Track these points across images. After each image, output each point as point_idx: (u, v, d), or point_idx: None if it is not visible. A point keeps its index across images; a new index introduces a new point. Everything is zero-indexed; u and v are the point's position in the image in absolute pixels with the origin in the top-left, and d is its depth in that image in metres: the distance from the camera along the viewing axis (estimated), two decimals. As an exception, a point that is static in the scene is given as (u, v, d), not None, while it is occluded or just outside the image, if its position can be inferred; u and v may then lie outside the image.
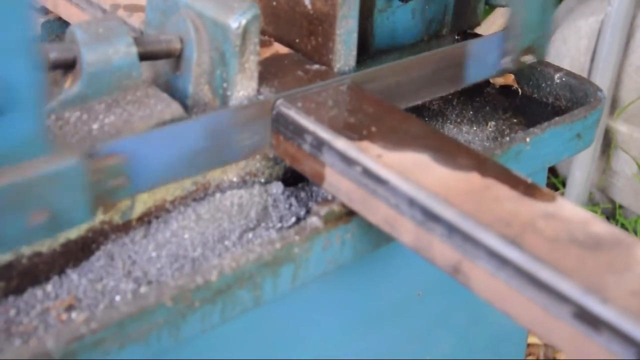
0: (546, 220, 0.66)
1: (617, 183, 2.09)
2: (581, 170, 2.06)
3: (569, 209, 0.68)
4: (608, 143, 2.05)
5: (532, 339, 1.85)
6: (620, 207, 2.11)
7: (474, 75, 1.04)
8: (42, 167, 0.66)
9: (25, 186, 0.66)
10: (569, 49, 2.09)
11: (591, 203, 2.12)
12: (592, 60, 1.93)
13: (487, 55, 1.03)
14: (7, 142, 0.65)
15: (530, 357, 1.81)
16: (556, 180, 2.30)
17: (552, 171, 2.34)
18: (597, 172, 2.11)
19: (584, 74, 2.00)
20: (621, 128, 2.01)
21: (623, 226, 2.05)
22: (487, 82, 1.12)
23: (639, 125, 1.98)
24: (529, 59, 1.04)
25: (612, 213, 2.12)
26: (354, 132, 0.78)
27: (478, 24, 1.14)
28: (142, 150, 0.75)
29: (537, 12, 1.02)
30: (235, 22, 0.79)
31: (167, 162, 0.78)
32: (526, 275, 0.61)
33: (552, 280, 0.59)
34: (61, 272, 0.74)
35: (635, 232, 2.01)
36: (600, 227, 0.65)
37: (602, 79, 1.92)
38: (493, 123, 1.08)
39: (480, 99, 1.13)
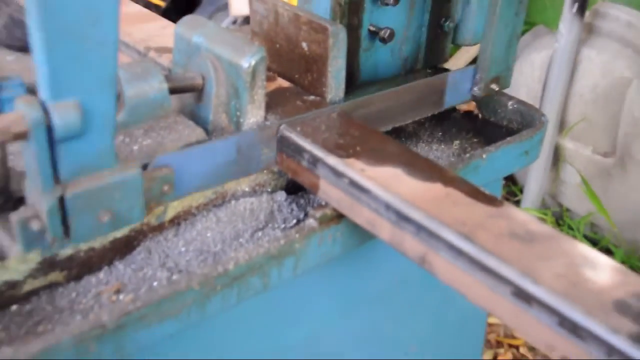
0: (493, 220, 0.68)
1: (565, 191, 2.10)
2: (535, 180, 2.06)
3: (512, 211, 0.71)
4: (557, 157, 2.06)
5: (492, 319, 1.83)
6: (567, 210, 2.12)
7: (451, 100, 1.07)
8: (110, 177, 0.70)
9: (96, 192, 0.69)
10: (525, 79, 2.11)
11: (543, 207, 2.13)
12: (544, 88, 1.95)
13: (461, 84, 1.06)
14: (86, 156, 0.69)
15: (491, 335, 1.83)
16: (515, 188, 2.31)
17: (513, 180, 2.36)
18: (549, 182, 2.11)
19: (537, 100, 2.01)
20: (568, 145, 2.02)
21: (569, 226, 2.07)
22: (453, 109, 1.13)
23: (583, 142, 2.00)
24: (495, 87, 1.07)
25: (561, 215, 2.13)
26: (342, 150, 0.80)
27: (446, 60, 1.15)
28: (183, 164, 0.78)
29: (502, 49, 1.04)
30: (247, 62, 0.81)
31: (201, 174, 0.80)
32: (477, 263, 0.64)
33: (497, 267, 0.63)
34: (110, 263, 0.76)
35: (579, 230, 2.04)
36: (536, 225, 0.68)
37: (552, 104, 1.94)
38: (458, 142, 1.09)
39: (447, 122, 1.13)
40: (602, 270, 0.62)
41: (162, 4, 2.64)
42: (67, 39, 0.63)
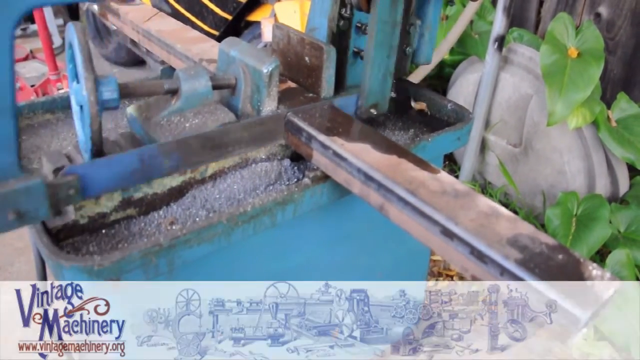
0: (431, 181, 0.67)
1: (488, 169, 2.09)
2: (469, 161, 2.04)
3: (444, 176, 0.70)
4: (484, 146, 2.06)
5: (435, 257, 1.73)
6: (489, 183, 2.12)
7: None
8: (16, 184, 0.60)
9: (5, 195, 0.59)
10: (463, 91, 2.09)
11: (474, 180, 2.12)
12: (475, 98, 1.94)
13: (348, 107, 0.96)
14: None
15: (434, 268, 1.83)
16: (455, 167, 2.28)
17: (454, 161, 2.33)
18: (478, 163, 2.11)
19: (471, 106, 1.99)
20: (491, 137, 2.01)
21: (490, 194, 2.06)
22: (410, 107, 1.10)
23: (500, 136, 1.99)
24: (374, 111, 0.98)
25: (485, 186, 2.12)
26: (329, 131, 0.79)
27: (407, 75, 1.12)
28: (89, 172, 0.67)
29: (378, 84, 0.96)
30: (266, 68, 0.81)
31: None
32: (417, 210, 0.64)
33: (431, 213, 0.62)
34: (167, 204, 0.76)
35: (496, 197, 2.02)
36: (460, 186, 0.67)
37: (480, 109, 1.92)
38: (412, 130, 1.06)
39: (406, 116, 1.11)
40: (501, 217, 0.61)
41: (217, 34, 2.59)
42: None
